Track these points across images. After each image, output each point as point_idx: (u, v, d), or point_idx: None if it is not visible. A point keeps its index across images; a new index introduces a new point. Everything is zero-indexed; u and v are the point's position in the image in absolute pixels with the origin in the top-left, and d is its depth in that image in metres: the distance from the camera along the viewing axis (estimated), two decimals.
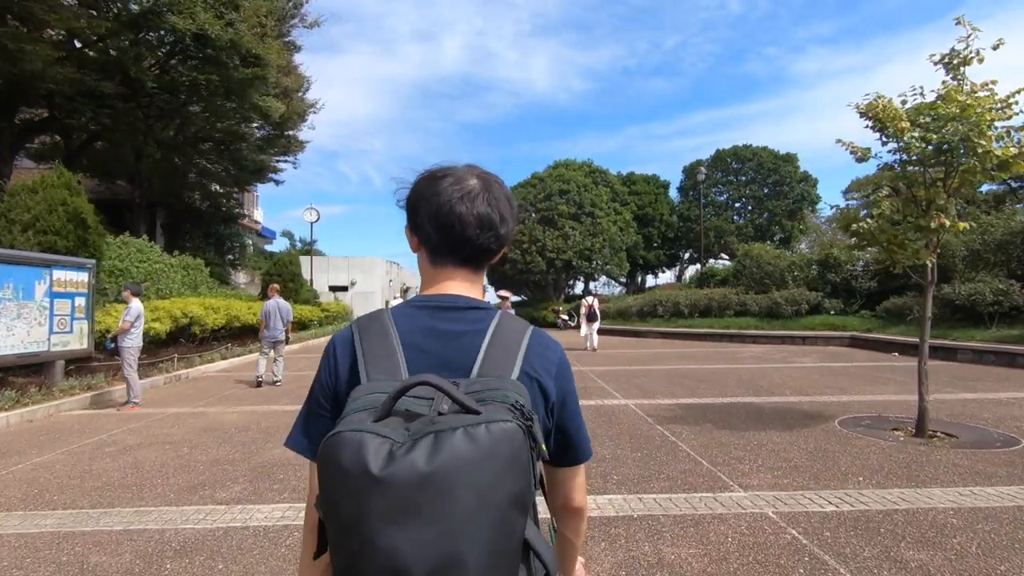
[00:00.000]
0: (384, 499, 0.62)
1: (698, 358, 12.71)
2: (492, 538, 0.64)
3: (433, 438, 0.64)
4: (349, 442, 0.65)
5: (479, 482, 0.63)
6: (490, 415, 0.68)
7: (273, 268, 19.68)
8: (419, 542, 0.61)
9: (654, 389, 8.49)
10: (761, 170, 34.52)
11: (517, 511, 0.66)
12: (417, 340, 0.89)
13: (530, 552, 0.71)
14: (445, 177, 0.96)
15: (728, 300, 18.31)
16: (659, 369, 10.85)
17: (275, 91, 19.66)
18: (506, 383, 0.80)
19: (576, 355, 13.58)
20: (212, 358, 11.64)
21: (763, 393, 8.04)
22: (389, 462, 0.62)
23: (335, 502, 0.65)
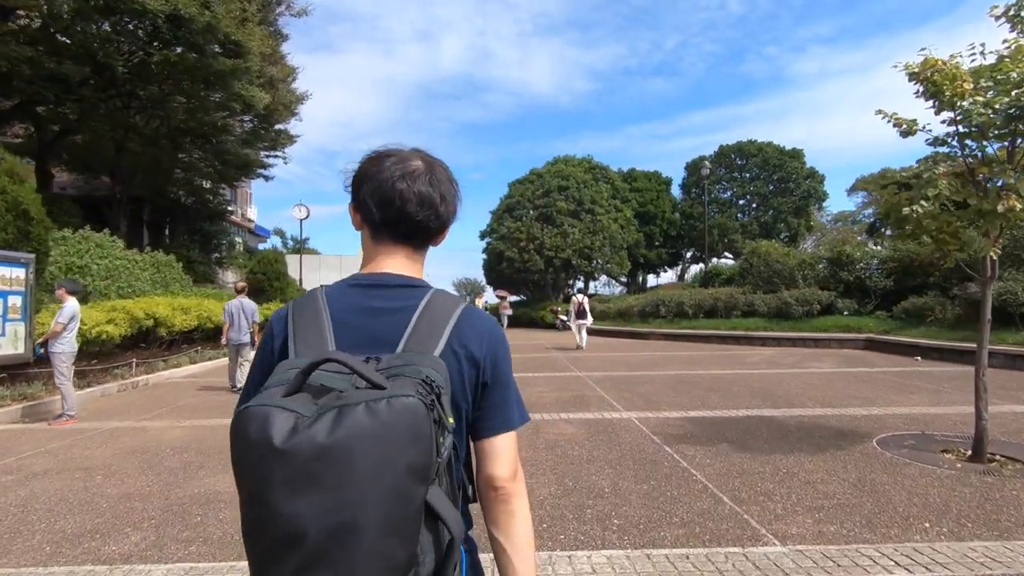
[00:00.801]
0: (285, 469, 0.65)
1: (705, 362, 11.80)
2: (388, 505, 0.67)
3: (336, 412, 0.67)
4: (256, 415, 0.68)
5: (376, 453, 0.66)
6: (394, 390, 0.71)
7: (257, 267, 18.77)
8: (317, 509, 0.65)
9: (659, 399, 7.58)
10: (766, 166, 33.57)
11: (414, 480, 0.69)
12: (348, 317, 0.92)
13: (437, 519, 0.73)
14: (389, 156, 0.99)
15: (735, 300, 17.39)
16: (664, 375, 9.94)
17: (260, 80, 18.77)
18: (424, 359, 0.82)
19: (572, 358, 12.68)
20: (179, 362, 10.75)
21: (782, 404, 7.13)
22: (292, 435, 0.66)
23: (242, 472, 0.70)
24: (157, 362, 10.12)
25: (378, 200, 0.96)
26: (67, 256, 9.73)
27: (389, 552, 0.67)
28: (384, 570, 0.67)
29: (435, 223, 0.99)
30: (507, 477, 0.94)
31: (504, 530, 0.94)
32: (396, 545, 0.68)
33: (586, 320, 15.63)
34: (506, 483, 0.94)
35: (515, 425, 0.97)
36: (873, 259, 16.13)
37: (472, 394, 0.93)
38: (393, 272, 0.98)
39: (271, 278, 18.44)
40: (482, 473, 0.95)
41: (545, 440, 5.51)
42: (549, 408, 7.06)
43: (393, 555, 0.68)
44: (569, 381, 9.34)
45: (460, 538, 0.77)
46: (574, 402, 7.44)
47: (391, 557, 0.68)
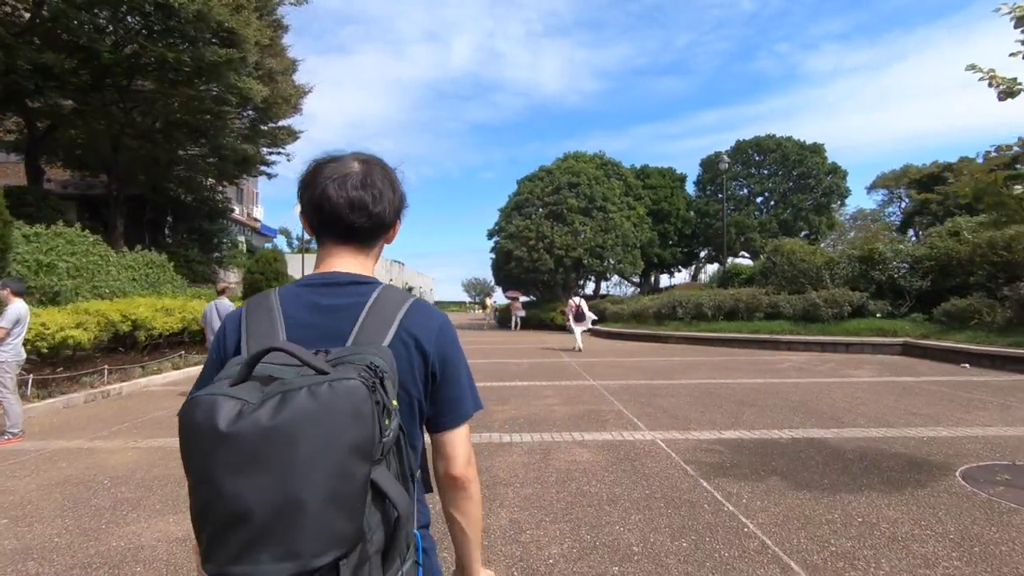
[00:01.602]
0: (229, 453, 0.68)
1: (730, 369, 10.82)
2: (331, 483, 0.69)
3: (280, 397, 0.70)
4: (203, 403, 0.71)
5: (318, 434, 0.69)
6: (336, 375, 0.73)
7: (255, 266, 17.96)
8: (261, 488, 0.67)
9: (686, 415, 6.64)
10: (785, 162, 32.32)
11: (357, 459, 0.72)
12: (300, 315, 0.96)
13: (385, 499, 0.77)
14: (328, 164, 1.03)
15: (757, 301, 16.35)
16: (687, 385, 8.98)
17: (258, 73, 18.05)
18: (370, 349, 0.86)
19: (585, 365, 11.75)
20: (160, 368, 9.96)
21: (830, 423, 6.16)
22: (237, 419, 0.69)
23: (190, 457, 0.72)
24: (134, 369, 9.34)
25: (313, 207, 1.02)
26: (35, 253, 8.99)
27: (333, 527, 0.70)
28: (328, 542, 0.69)
29: (368, 224, 1.03)
30: (463, 465, 1.02)
31: (462, 511, 1.03)
32: (340, 520, 0.70)
33: (584, 322, 15.41)
34: (463, 471, 1.02)
35: (469, 416, 1.04)
36: (908, 257, 15.02)
37: (423, 383, 0.98)
38: (341, 271, 1.03)
39: (269, 278, 17.63)
40: (441, 464, 1.02)
41: (556, 470, 4.60)
42: (560, 426, 6.15)
43: (337, 529, 0.70)
44: (582, 392, 8.42)
45: (407, 517, 0.80)
46: (589, 419, 6.52)
47: (335, 531, 0.70)
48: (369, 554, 0.75)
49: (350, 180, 1.01)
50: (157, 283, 13.32)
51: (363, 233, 1.04)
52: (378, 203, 1.02)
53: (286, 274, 18.85)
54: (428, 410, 1.00)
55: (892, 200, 51.28)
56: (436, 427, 1.02)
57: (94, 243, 10.76)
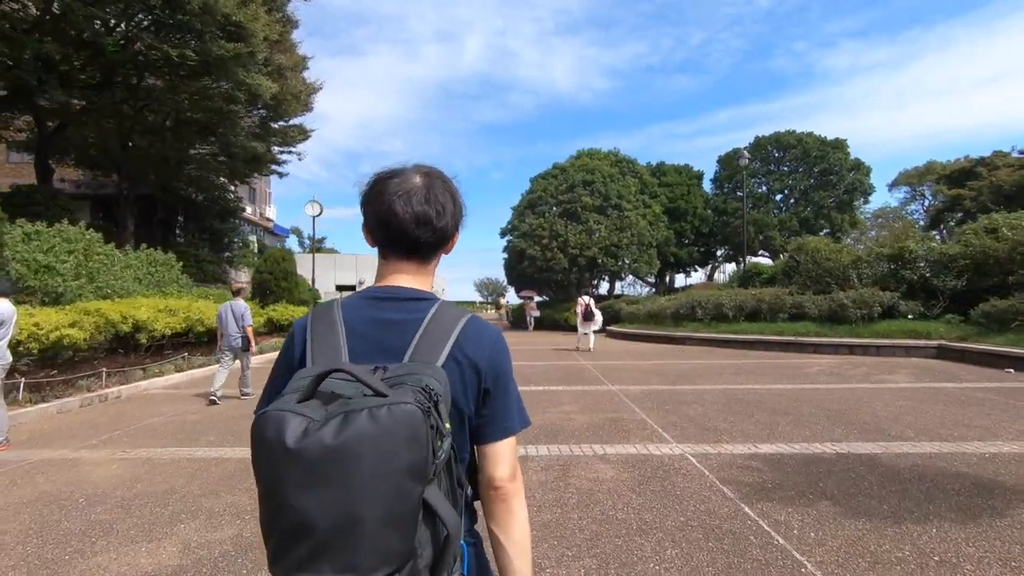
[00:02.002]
0: (296, 468, 0.72)
1: (757, 373, 10.25)
2: (388, 501, 0.74)
3: (342, 417, 0.74)
4: (273, 419, 0.76)
5: (377, 454, 0.73)
6: (395, 398, 0.77)
7: (264, 266, 17.76)
8: (324, 503, 0.72)
9: (716, 425, 6.12)
10: (806, 158, 31.41)
11: (413, 480, 0.76)
12: (361, 328, 0.99)
13: (435, 517, 0.79)
14: (391, 178, 1.05)
15: (781, 301, 15.70)
16: (712, 390, 8.45)
17: (267, 69, 17.79)
18: (426, 368, 0.90)
19: (603, 368, 11.24)
20: (162, 370, 9.65)
21: (875, 435, 5.61)
22: (303, 437, 0.73)
23: (260, 469, 0.77)
24: (135, 371, 9.03)
25: (378, 222, 1.05)
26: (35, 252, 8.70)
27: (388, 543, 0.74)
28: (383, 558, 0.73)
29: (433, 239, 1.05)
30: (507, 478, 1.02)
31: (503, 527, 1.01)
32: (395, 537, 0.75)
33: (592, 322, 15.18)
34: (506, 483, 1.01)
35: (515, 431, 1.05)
36: (942, 255, 14.28)
37: (475, 399, 1.01)
38: (403, 286, 1.06)
39: (278, 278, 17.41)
40: (484, 474, 1.03)
41: (577, 490, 4.13)
42: (580, 437, 5.67)
43: (392, 546, 0.74)
44: (601, 398, 7.93)
45: (455, 535, 0.83)
46: (610, 429, 6.04)
47: (390, 547, 0.74)
48: (419, 569, 0.78)
49: (415, 196, 1.03)
50: (162, 283, 13.05)
51: (427, 247, 1.07)
52: (442, 217, 1.05)
53: (295, 274, 18.59)
54: (475, 422, 1.02)
55: (914, 198, 50.00)
56: (482, 439, 1.03)
57: (95, 241, 10.47)
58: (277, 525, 0.75)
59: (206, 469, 4.77)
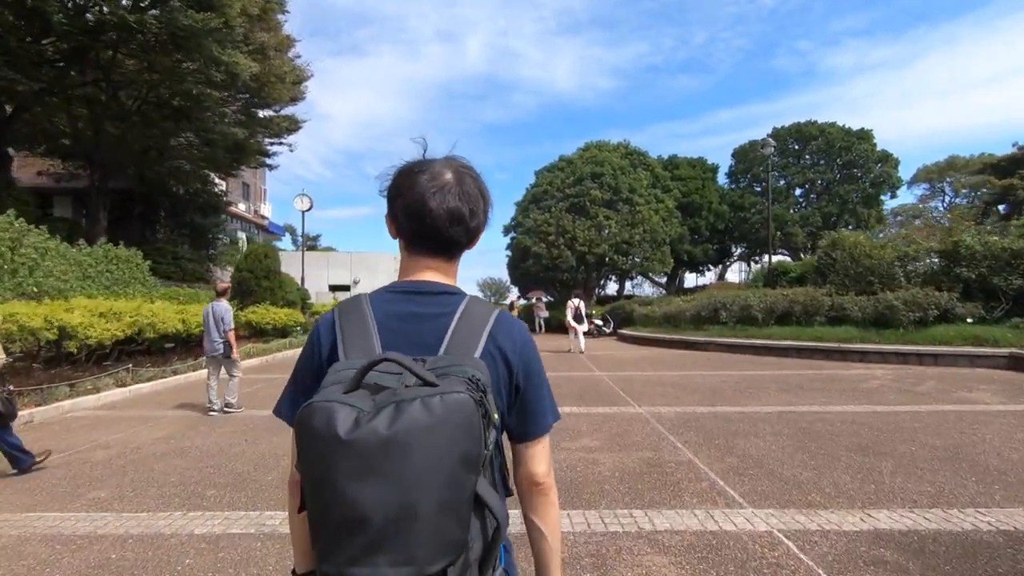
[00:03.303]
0: (349, 459, 0.70)
1: (806, 389, 8.59)
2: (443, 492, 0.72)
3: (394, 407, 0.72)
4: (321, 410, 0.73)
5: (432, 445, 0.71)
6: (446, 387, 0.76)
7: (244, 263, 16.17)
8: (379, 495, 0.70)
9: (796, 474, 4.49)
10: (830, 150, 29.56)
11: (466, 470, 0.74)
12: (392, 322, 0.97)
13: (484, 507, 0.79)
14: (422, 172, 1.01)
15: (817, 303, 14.02)
16: (766, 415, 6.81)
17: (248, 47, 16.21)
18: (467, 360, 0.88)
19: (622, 381, 9.59)
20: (97, 386, 8.06)
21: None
22: (355, 428, 0.71)
23: (309, 462, 0.74)
24: (59, 388, 7.44)
25: (410, 216, 1.01)
26: None
27: (444, 534, 0.73)
28: (439, 550, 0.72)
29: (464, 237, 1.05)
30: (545, 473, 1.04)
31: (544, 517, 1.04)
32: (451, 528, 0.73)
33: (583, 325, 15.45)
34: (545, 479, 1.03)
35: (549, 428, 1.06)
36: (1004, 251, 12.58)
37: (507, 395, 1.00)
38: (431, 280, 1.04)
39: (259, 276, 15.82)
40: (522, 471, 1.04)
41: None
42: (612, 496, 4.05)
43: (448, 537, 0.73)
44: (628, 426, 6.30)
45: (505, 524, 0.83)
46: (651, 480, 4.41)
47: (446, 539, 0.73)
48: (470, 561, 0.77)
49: (449, 193, 1.00)
50: (122, 282, 11.51)
51: (457, 246, 1.06)
52: (475, 216, 1.04)
53: (279, 272, 17.00)
54: (510, 420, 1.02)
55: (934, 194, 48.16)
56: (520, 438, 1.04)
57: (32, 233, 8.92)
58: (329, 518, 0.72)
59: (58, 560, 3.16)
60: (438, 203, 0.98)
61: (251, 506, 3.96)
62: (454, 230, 1.01)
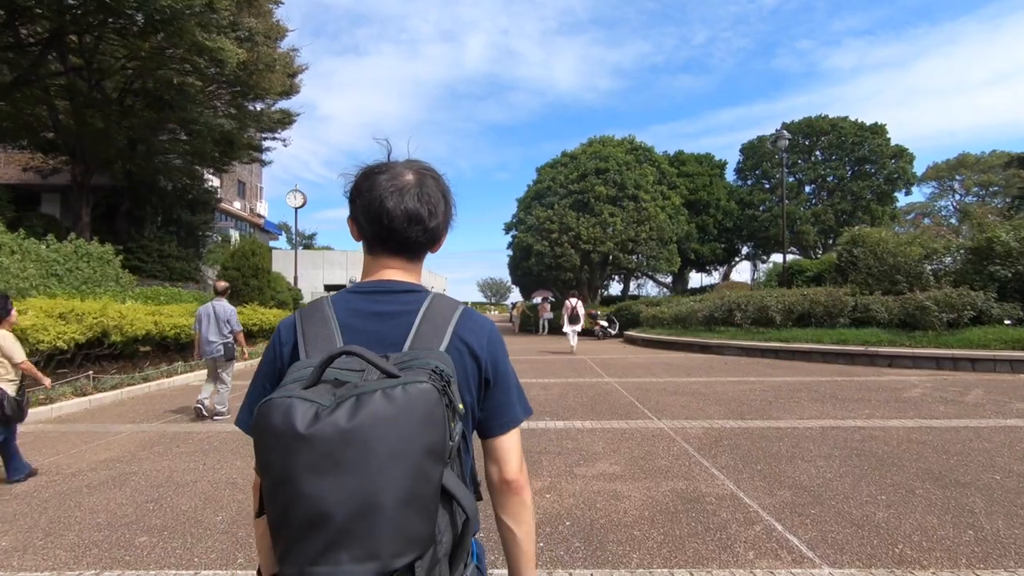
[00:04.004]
0: (309, 454, 0.68)
1: (844, 399, 7.72)
2: (407, 484, 0.70)
3: (355, 400, 0.71)
4: (279, 406, 0.72)
5: (395, 435, 0.70)
6: (408, 378, 0.74)
7: (230, 262, 15.30)
8: (340, 490, 0.68)
9: (870, 514, 3.62)
10: (842, 145, 28.60)
11: (432, 460, 0.73)
12: (354, 322, 0.96)
13: (452, 500, 0.77)
14: (382, 173, 1.01)
15: (840, 304, 13.15)
16: (807, 430, 5.95)
17: (235, 33, 15.37)
18: (432, 353, 0.86)
19: (637, 390, 8.73)
20: (52, 396, 7.19)
21: None
22: (314, 422, 0.69)
23: (267, 460, 0.72)
24: None
25: (368, 217, 1.00)
26: None
27: (410, 528, 0.70)
28: (405, 544, 0.70)
29: (423, 237, 1.02)
30: (516, 470, 1.01)
31: (516, 518, 1.01)
32: (416, 521, 0.71)
33: (579, 325, 15.34)
34: (516, 476, 1.01)
35: (520, 422, 1.04)
36: None
37: (476, 389, 0.99)
38: (394, 279, 1.02)
39: (247, 275, 14.98)
40: (493, 468, 1.02)
41: None
42: (643, 544, 3.20)
43: (414, 531, 0.70)
44: (652, 445, 5.44)
45: (474, 519, 0.82)
46: (691, 522, 3.54)
47: (412, 532, 0.70)
48: (439, 556, 0.75)
49: (407, 193, 0.99)
50: (92, 280, 10.65)
51: (417, 246, 1.04)
52: (434, 217, 1.02)
53: (268, 270, 16.14)
54: (479, 415, 1.01)
55: (943, 192, 47.28)
56: (489, 432, 1.02)
57: None
58: (289, 518, 0.69)
59: None
60: (395, 203, 0.98)
61: (185, 561, 3.11)
62: (412, 230, 1.00)
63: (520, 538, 1.00)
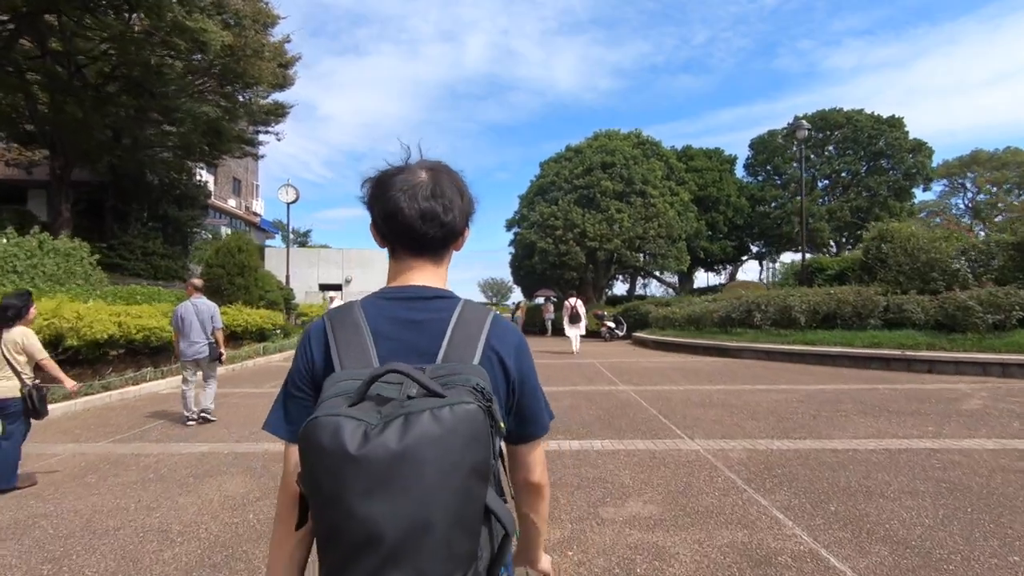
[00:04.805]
0: (360, 475, 0.68)
1: (895, 412, 6.74)
2: (456, 505, 0.71)
3: (403, 420, 0.70)
4: (327, 425, 0.71)
5: (443, 457, 0.70)
6: (454, 398, 0.74)
7: (214, 258, 14.33)
8: (392, 511, 0.68)
9: None
10: (857, 139, 27.54)
11: (478, 480, 0.73)
12: (386, 329, 0.95)
13: (491, 516, 0.78)
14: (397, 175, 1.01)
15: (871, 303, 12.16)
16: (868, 452, 4.98)
17: (220, 15, 14.44)
18: (468, 368, 0.87)
19: (657, 400, 7.77)
20: None
21: None
22: (364, 442, 0.69)
23: (317, 479, 0.71)
24: None
25: (384, 219, 1.00)
26: None
27: (457, 547, 0.71)
28: (454, 563, 0.70)
29: (440, 234, 1.01)
30: (542, 474, 1.05)
31: (537, 510, 1.07)
32: (463, 540, 0.72)
33: (579, 325, 15.00)
34: (541, 478, 1.04)
35: (547, 430, 1.05)
36: None
37: (505, 398, 0.99)
38: (420, 284, 1.02)
39: (232, 273, 14.01)
40: (521, 474, 1.04)
41: None
42: None
43: (460, 550, 0.71)
44: (692, 476, 4.47)
45: (512, 533, 0.81)
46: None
47: (458, 551, 0.71)
48: (480, 572, 0.76)
49: (420, 191, 0.99)
50: (55, 277, 9.73)
51: (436, 243, 1.02)
52: (449, 212, 1.01)
53: (255, 268, 15.16)
54: (509, 423, 1.00)
55: (955, 190, 46.25)
56: (517, 440, 1.03)
57: None
58: (340, 538, 0.70)
59: None
60: (409, 203, 0.97)
61: None
62: (427, 227, 0.98)
63: (539, 524, 1.06)
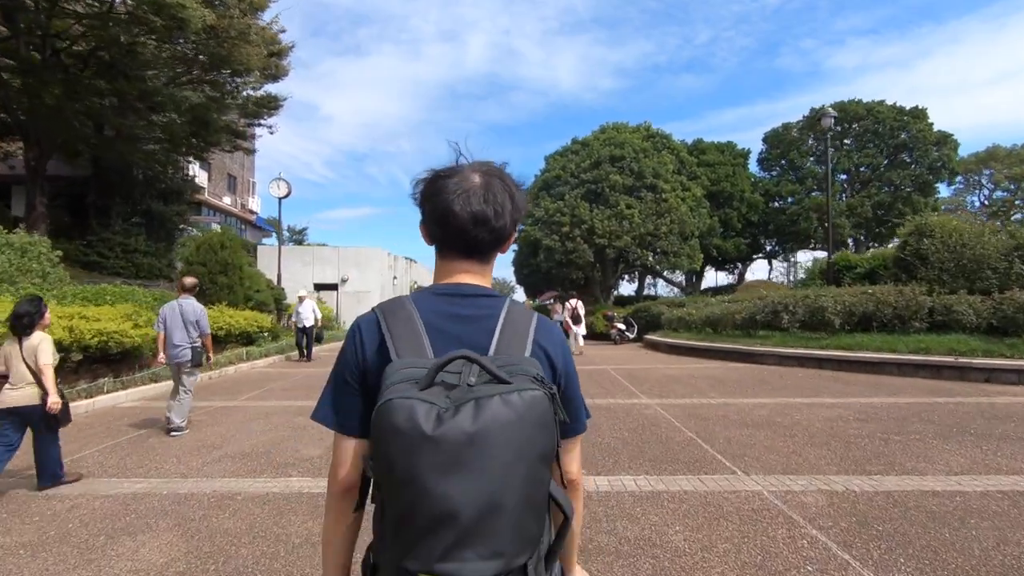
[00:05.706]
0: (436, 455, 0.71)
1: (984, 437, 5.62)
2: (525, 487, 0.75)
3: (475, 403, 0.74)
4: (401, 407, 0.74)
5: (514, 440, 0.74)
6: (520, 384, 0.78)
7: (196, 256, 13.27)
8: (467, 490, 0.71)
9: None
10: (879, 132, 26.32)
11: (544, 465, 0.78)
12: (438, 323, 0.97)
13: (551, 502, 0.83)
14: (450, 177, 1.02)
15: (914, 305, 11.02)
16: (984, 496, 3.85)
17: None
18: (524, 359, 0.90)
19: (689, 417, 6.64)
20: None
21: None
22: (439, 424, 0.72)
23: (391, 459, 0.74)
24: None
25: (436, 220, 1.02)
26: None
27: (526, 529, 0.75)
28: (524, 544, 0.75)
29: (490, 238, 1.03)
30: (578, 470, 1.07)
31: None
32: (532, 522, 0.76)
33: (581, 326, 15.10)
34: (577, 475, 1.06)
35: (586, 428, 1.08)
36: None
37: None
38: (469, 283, 1.04)
39: (213, 272, 12.95)
40: (557, 469, 1.00)
41: None
42: None
43: (528, 532, 0.76)
44: (764, 534, 3.35)
45: (572, 518, 0.86)
46: None
47: (528, 533, 0.76)
48: (541, 555, 0.81)
49: (473, 195, 1.00)
50: (7, 277, 8.68)
51: (485, 247, 1.05)
52: (500, 218, 1.02)
53: (239, 267, 14.08)
54: None
55: (971, 187, 44.99)
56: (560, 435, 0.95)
57: None
58: (415, 515, 0.72)
59: None
60: (462, 206, 0.98)
61: None
62: (478, 232, 1.00)
63: (574, 524, 1.01)
